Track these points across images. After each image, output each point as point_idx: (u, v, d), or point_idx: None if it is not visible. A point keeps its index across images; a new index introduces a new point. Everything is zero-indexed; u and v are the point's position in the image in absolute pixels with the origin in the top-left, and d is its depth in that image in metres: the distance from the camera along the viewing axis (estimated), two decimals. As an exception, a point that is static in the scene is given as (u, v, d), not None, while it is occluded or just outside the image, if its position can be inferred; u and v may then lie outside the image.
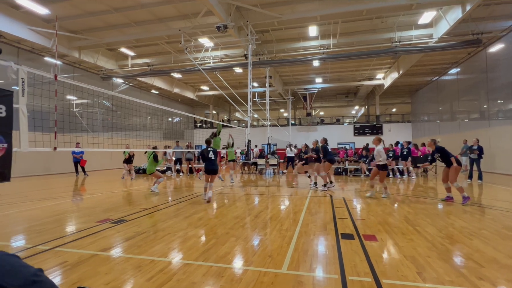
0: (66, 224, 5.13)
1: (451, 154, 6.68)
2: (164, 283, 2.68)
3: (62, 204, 6.93)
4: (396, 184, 10.72)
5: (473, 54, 16.32)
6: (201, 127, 34.17)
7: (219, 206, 6.63)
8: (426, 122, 25.23)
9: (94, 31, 14.90)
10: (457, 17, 12.03)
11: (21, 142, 3.35)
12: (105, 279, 2.78)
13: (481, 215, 5.48)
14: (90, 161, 15.74)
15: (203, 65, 17.18)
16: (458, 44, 14.08)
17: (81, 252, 3.53)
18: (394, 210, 5.98)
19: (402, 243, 3.79)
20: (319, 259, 3.30)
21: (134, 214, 5.67)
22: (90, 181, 12.59)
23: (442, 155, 6.71)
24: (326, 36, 15.82)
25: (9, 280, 0.39)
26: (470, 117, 17.78)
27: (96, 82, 19.19)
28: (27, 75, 3.36)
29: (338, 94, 31.64)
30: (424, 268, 3.00)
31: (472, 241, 3.88)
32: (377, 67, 22.00)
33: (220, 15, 11.78)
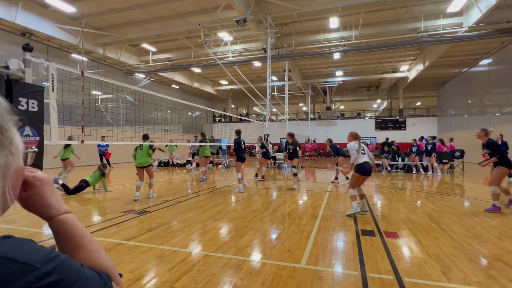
0: (92, 214, 5.38)
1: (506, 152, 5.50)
2: (185, 273, 2.76)
3: (88, 195, 7.27)
4: (420, 180, 10.35)
5: (507, 44, 15.29)
6: (220, 121, 34.50)
7: (237, 199, 6.70)
8: (453, 116, 24.07)
9: (117, 27, 15.33)
10: (490, 4, 11.26)
11: (52, 135, 3.53)
12: (129, 267, 2.90)
13: (511, 215, 5.19)
14: (114, 154, 16.34)
15: (222, 60, 17.24)
16: (491, 33, 13.22)
17: (107, 241, 3.69)
18: (417, 207, 5.79)
19: (425, 241, 3.67)
20: (339, 255, 3.26)
21: (156, 206, 5.85)
22: (114, 173, 13.10)
23: (493, 152, 5.36)
24: (347, 28, 15.36)
25: (32, 257, 0.44)
26: (502, 111, 16.76)
27: (120, 77, 19.80)
28: (56, 71, 3.52)
29: (359, 87, 30.78)
30: (450, 267, 2.89)
31: (502, 241, 3.69)
32: (401, 59, 21.15)
33: (239, 9, 11.74)
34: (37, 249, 0.49)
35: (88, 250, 0.65)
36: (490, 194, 5.44)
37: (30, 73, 3.11)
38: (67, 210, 0.67)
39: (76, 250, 0.64)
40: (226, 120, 34.09)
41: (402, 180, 10.44)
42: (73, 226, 0.66)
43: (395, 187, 8.51)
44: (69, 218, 0.66)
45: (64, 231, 0.65)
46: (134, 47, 19.15)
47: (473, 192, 7.60)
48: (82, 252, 0.64)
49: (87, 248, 0.65)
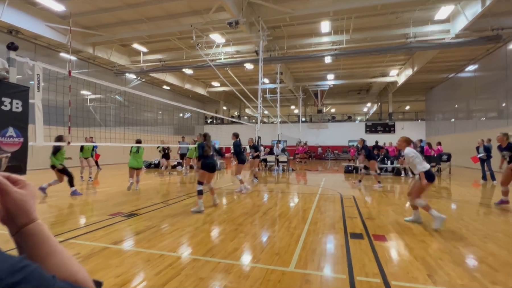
0: (79, 216, 5.27)
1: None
2: (172, 278, 2.72)
3: (76, 197, 7.11)
4: (408, 183, 10.52)
5: (492, 51, 15.75)
6: (211, 122, 34.36)
7: (228, 202, 6.66)
8: (440, 121, 24.61)
9: (107, 27, 15.13)
10: (476, 11, 11.59)
11: (37, 136, 3.44)
12: (115, 272, 2.84)
13: (496, 217, 5.32)
14: (103, 155, 16.06)
15: (214, 61, 17.20)
16: (476, 40, 13.60)
17: (93, 245, 3.62)
18: (405, 210, 5.87)
19: (413, 244, 3.72)
20: (327, 258, 3.28)
21: (145, 208, 5.77)
22: (103, 174, 12.87)
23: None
24: (338, 32, 15.56)
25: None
26: (487, 116, 17.23)
27: (110, 77, 19.51)
28: (42, 70, 3.44)
29: (350, 91, 31.16)
30: (435, 270, 2.94)
31: (486, 244, 3.77)
32: (390, 63, 21.53)
33: (232, 11, 11.74)
34: (3, 258, 0.46)
35: (61, 259, 0.60)
36: (478, 197, 5.58)
37: (15, 72, 3.04)
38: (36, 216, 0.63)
39: (48, 258, 0.58)
40: (217, 121, 33.98)
41: (391, 183, 10.59)
42: (48, 232, 0.61)
43: (384, 190, 8.62)
44: (43, 224, 0.62)
45: (39, 238, 0.59)
46: (124, 47, 18.92)
47: (459, 195, 7.77)
48: (56, 261, 0.59)
49: (61, 257, 0.60)
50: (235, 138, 7.98)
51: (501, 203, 6.10)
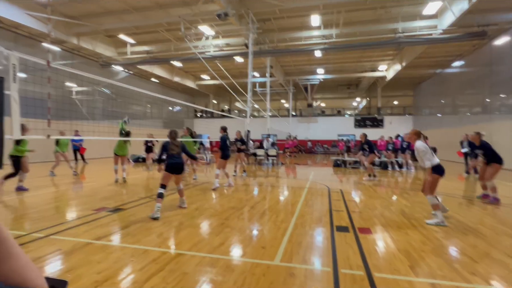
0: (62, 212, 5.14)
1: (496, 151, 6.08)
2: (156, 273, 2.68)
3: (59, 192, 6.95)
4: (395, 177, 10.71)
5: (478, 47, 16.04)
6: (201, 116, 34.05)
7: (216, 196, 6.63)
8: (428, 116, 25.07)
9: (92, 17, 14.64)
10: (463, 8, 11.74)
11: (14, 129, 3.31)
12: (97, 268, 2.78)
13: (477, 210, 5.47)
14: (90, 149, 15.73)
15: (203, 54, 16.95)
16: (463, 36, 13.82)
17: (75, 240, 3.53)
18: (391, 203, 5.97)
19: (396, 237, 3.79)
20: (313, 251, 3.30)
21: (131, 203, 5.68)
22: (89, 169, 12.61)
23: (487, 152, 6.11)
24: (328, 26, 15.53)
25: None
26: (472, 111, 17.64)
27: (96, 69, 18.99)
28: (18, 61, 3.29)
29: (340, 85, 31.34)
30: (417, 262, 2.99)
31: (467, 236, 3.87)
32: (379, 58, 21.69)
33: (221, 2, 11.54)
34: None
35: (17, 264, 0.53)
36: (461, 190, 5.71)
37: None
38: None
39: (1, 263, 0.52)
40: (207, 115, 33.69)
41: (378, 176, 10.75)
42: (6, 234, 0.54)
43: (371, 183, 8.74)
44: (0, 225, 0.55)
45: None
46: (110, 38, 18.41)
47: (443, 189, 7.95)
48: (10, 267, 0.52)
49: (16, 262, 0.53)
50: (223, 132, 7.91)
51: (484, 197, 6.25)
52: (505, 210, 5.44)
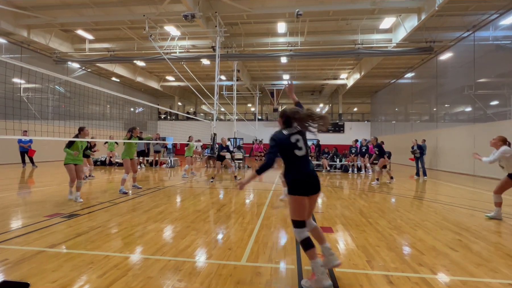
0: (8, 219, 4.68)
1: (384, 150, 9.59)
2: (118, 279, 2.57)
3: (6, 198, 6.31)
4: (355, 179, 11.34)
5: (426, 61, 17.69)
6: (165, 118, 33.04)
7: (181, 199, 6.50)
8: (383, 122, 26.93)
9: (46, 9, 13.60)
10: (413, 24, 12.92)
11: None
12: (52, 277, 2.60)
13: (425, 208, 6.01)
14: (40, 151, 14.48)
15: (169, 54, 16.56)
16: (413, 50, 15.16)
17: (25, 249, 3.25)
18: (351, 203, 6.33)
19: (355, 234, 4.03)
20: (278, 251, 3.39)
21: (88, 208, 5.35)
22: (39, 172, 11.60)
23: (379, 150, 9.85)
24: (294, 34, 16.09)
25: None
26: (421, 119, 19.33)
27: (48, 65, 17.60)
28: (-40, 52, 2.97)
29: (304, 91, 32.46)
30: (373, 256, 3.22)
31: (416, 231, 4.25)
32: (341, 67, 22.91)
33: (188, 4, 11.42)
34: None
35: None
36: (412, 190, 6.20)
37: None
38: None
39: None
40: (172, 117, 32.80)
41: (340, 179, 11.31)
42: None
43: (333, 186, 9.17)
44: None
45: None
46: (66, 33, 17.22)
47: (396, 190, 8.60)
48: None
49: None
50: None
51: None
52: (449, 208, 6.05)
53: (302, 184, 2.52)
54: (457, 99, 14.84)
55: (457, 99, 14.81)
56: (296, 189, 2.51)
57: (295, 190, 2.51)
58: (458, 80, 14.24)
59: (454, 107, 15.56)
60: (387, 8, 12.42)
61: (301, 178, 2.53)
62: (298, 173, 2.55)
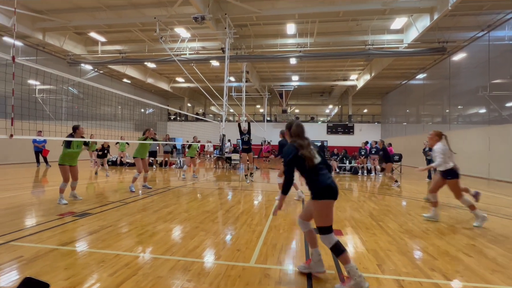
0: (23, 217, 4.81)
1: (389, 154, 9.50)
2: (128, 278, 2.61)
3: (20, 196, 6.48)
4: (364, 181, 11.19)
5: (438, 61, 17.35)
6: (175, 119, 33.39)
7: (190, 200, 6.54)
8: (394, 124, 26.53)
9: (60, 12, 13.95)
10: (425, 25, 12.70)
11: (-28, 127, 3.08)
12: (64, 274, 2.65)
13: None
14: (53, 151, 14.82)
15: (179, 56, 16.73)
16: (425, 50, 14.89)
17: (38, 247, 3.33)
18: (360, 206, 6.25)
19: (365, 238, 3.98)
20: (287, 253, 3.37)
21: (100, 208, 5.44)
22: (53, 172, 11.87)
23: (384, 154, 9.95)
24: (303, 35, 16.04)
25: None
26: (433, 121, 18.95)
27: (63, 67, 18.03)
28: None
29: (314, 92, 32.31)
30: (384, 260, 3.17)
31: (428, 235, 4.16)
32: (351, 68, 22.70)
33: (198, 6, 11.52)
34: None
35: None
36: (424, 194, 6.08)
37: None
38: None
39: None
40: (181, 118, 33.12)
41: (349, 181, 11.18)
42: None
43: (342, 188, 9.08)
44: None
45: None
46: (80, 36, 17.62)
47: (408, 193, 8.45)
48: None
49: None
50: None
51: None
52: (462, 212, 5.90)
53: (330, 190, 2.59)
54: (471, 101, 14.49)
55: (471, 100, 14.46)
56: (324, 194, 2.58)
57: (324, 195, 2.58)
58: (472, 81, 13.91)
59: (467, 108, 15.19)
60: (399, 8, 12.24)
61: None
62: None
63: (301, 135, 2.76)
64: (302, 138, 2.74)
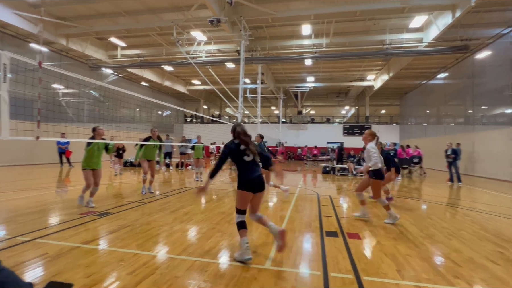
0: (48, 215, 5.01)
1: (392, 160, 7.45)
2: (146, 277, 2.66)
3: (45, 195, 6.76)
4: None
5: (461, 60, 16.71)
6: (191, 121, 33.89)
7: (206, 201, 6.61)
8: (413, 125, 25.76)
9: (83, 19, 14.50)
10: (447, 22, 12.27)
11: (2, 130, 3.24)
12: (85, 272, 2.74)
13: (461, 217, 5.65)
14: (76, 152, 15.37)
15: (195, 59, 16.98)
16: (446, 49, 14.38)
17: (62, 244, 3.46)
18: (378, 209, 6.10)
19: (384, 242, 3.88)
20: (303, 256, 3.34)
21: (119, 207, 5.59)
22: (75, 172, 12.32)
23: (386, 160, 7.18)
24: (319, 35, 15.88)
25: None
26: (455, 121, 18.25)
27: (84, 71, 18.72)
28: (9, 60, 3.25)
29: (329, 93, 31.89)
30: (404, 266, 3.08)
31: (451, 241, 4.00)
32: (368, 68, 22.26)
33: (214, 9, 11.66)
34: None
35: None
36: (445, 197, 5.88)
37: (-22, 61, 2.84)
38: None
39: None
40: (197, 120, 33.56)
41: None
42: None
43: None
44: None
45: None
46: (101, 41, 18.24)
47: (429, 196, 8.17)
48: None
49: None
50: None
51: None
52: (487, 217, 5.64)
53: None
54: (496, 100, 13.84)
55: (496, 100, 13.81)
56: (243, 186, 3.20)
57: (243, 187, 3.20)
58: (497, 80, 13.29)
59: (492, 108, 14.51)
60: (418, 6, 11.89)
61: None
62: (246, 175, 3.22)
63: (244, 134, 3.37)
64: (246, 136, 3.37)
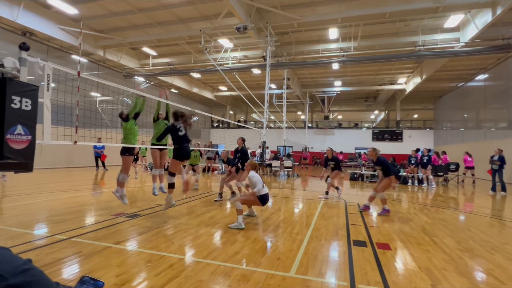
0: (83, 216, 5.32)
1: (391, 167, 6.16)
2: (172, 279, 2.71)
3: (81, 197, 7.19)
4: (415, 192, 10.36)
5: (503, 60, 15.55)
6: (218, 126, 34.53)
7: (231, 206, 6.65)
8: (449, 130, 24.28)
9: (118, 30, 15.43)
10: (486, 20, 11.49)
11: (44, 135, 3.51)
12: (116, 271, 2.85)
13: (505, 229, 5.19)
14: (110, 156, 16.25)
15: (222, 66, 17.35)
16: (486, 49, 13.46)
17: (95, 244, 3.64)
18: (410, 219, 5.78)
19: (417, 254, 3.65)
20: (329, 265, 3.23)
21: (148, 210, 5.80)
22: (110, 175, 13.00)
23: (383, 167, 6.15)
24: (346, 39, 15.57)
25: (2, 267, 0.42)
26: (497, 126, 16.94)
27: (119, 80, 19.85)
28: (52, 71, 3.52)
29: (357, 98, 31.03)
30: (439, 281, 2.87)
31: (493, 256, 3.68)
32: (399, 71, 21.40)
33: (240, 17, 11.87)
34: (10, 258, 0.47)
35: None
36: (487, 208, 5.46)
37: (26, 72, 3.10)
38: None
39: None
40: (224, 126, 34.13)
41: (397, 191, 10.44)
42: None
43: (390, 198, 8.50)
44: None
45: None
46: (134, 51, 19.25)
47: (467, 206, 7.61)
48: None
49: None
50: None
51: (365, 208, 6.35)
52: (535, 230, 5.13)
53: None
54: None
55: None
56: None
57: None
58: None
59: (541, 112, 13.31)
60: (454, 5, 11.26)
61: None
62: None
63: (178, 119, 5.17)
64: (178, 120, 5.15)
